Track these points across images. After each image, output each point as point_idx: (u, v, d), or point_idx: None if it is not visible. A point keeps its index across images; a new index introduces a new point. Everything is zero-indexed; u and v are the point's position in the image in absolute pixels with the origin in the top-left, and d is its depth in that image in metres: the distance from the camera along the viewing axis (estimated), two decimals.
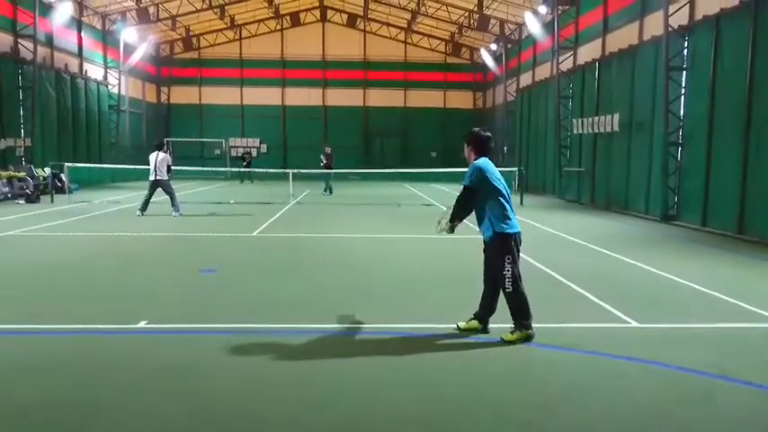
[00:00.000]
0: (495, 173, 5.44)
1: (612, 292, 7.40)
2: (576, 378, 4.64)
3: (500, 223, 5.36)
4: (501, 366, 4.89)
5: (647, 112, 16.80)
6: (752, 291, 7.64)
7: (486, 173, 5.39)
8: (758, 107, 12.40)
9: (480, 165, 5.43)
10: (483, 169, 5.39)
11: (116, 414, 3.95)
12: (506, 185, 5.53)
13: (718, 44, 13.78)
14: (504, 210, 5.37)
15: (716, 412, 4.08)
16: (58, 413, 3.95)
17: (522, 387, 4.48)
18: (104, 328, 5.76)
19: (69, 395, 4.23)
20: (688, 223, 14.66)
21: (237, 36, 39.79)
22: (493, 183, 5.38)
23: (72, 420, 3.86)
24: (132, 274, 8.35)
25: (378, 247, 10.92)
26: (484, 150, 5.58)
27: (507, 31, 31.79)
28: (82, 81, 27.86)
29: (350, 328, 5.85)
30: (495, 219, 5.37)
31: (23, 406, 4.04)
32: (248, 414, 3.96)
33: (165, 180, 15.00)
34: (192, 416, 3.94)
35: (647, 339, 5.62)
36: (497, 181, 5.42)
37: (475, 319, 5.66)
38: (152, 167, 15.05)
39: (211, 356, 5.03)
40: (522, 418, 3.96)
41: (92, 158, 27.25)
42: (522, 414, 4.03)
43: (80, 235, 11.91)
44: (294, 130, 39.97)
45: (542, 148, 26.40)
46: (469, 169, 5.47)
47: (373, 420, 3.91)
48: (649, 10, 17.39)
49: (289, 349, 5.26)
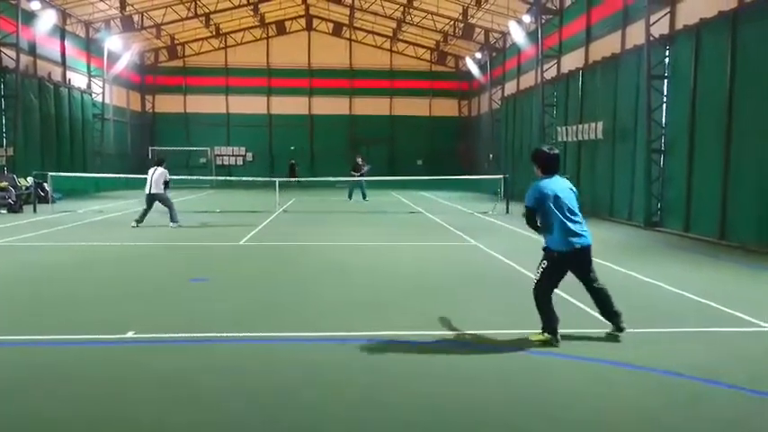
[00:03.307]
0: (556, 190, 5.55)
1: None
2: (562, 384, 4.69)
3: (547, 238, 5.66)
4: (487, 372, 4.93)
5: (630, 121, 17.03)
6: (734, 295, 7.75)
7: (541, 192, 5.56)
8: (738, 115, 12.63)
9: (538, 185, 5.63)
10: (537, 189, 5.60)
11: (102, 426, 3.92)
12: (570, 202, 5.63)
13: (699, 53, 14.02)
14: (555, 226, 5.53)
15: (701, 417, 4.15)
16: (41, 426, 3.92)
17: (509, 392, 4.52)
18: (91, 338, 5.72)
19: (52, 407, 4.20)
20: (671, 229, 14.85)
21: (223, 44, 39.72)
22: (547, 203, 5.52)
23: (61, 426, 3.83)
24: (118, 284, 8.29)
25: (364, 255, 10.93)
26: (548, 168, 5.71)
27: (492, 39, 32.09)
28: (65, 90, 27.64)
29: (337, 336, 5.86)
30: (546, 233, 5.65)
31: (4, 417, 4.00)
32: (238, 423, 3.96)
33: (161, 193, 14.71)
34: (183, 426, 3.93)
35: (631, 345, 5.68)
36: (555, 199, 5.52)
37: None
38: (148, 181, 14.79)
39: (202, 366, 5.02)
40: (508, 423, 4.00)
41: (76, 168, 26.99)
42: (508, 419, 4.06)
43: (64, 245, 11.80)
44: (280, 138, 39.92)
45: (527, 155, 26.51)
46: (530, 189, 5.67)
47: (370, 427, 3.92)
48: (631, 19, 17.67)
49: (279, 357, 5.26)
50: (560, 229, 5.52)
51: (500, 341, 5.70)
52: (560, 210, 5.52)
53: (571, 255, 5.58)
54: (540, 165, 5.74)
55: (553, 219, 5.53)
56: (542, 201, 5.55)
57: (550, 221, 5.55)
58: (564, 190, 5.63)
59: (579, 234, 5.55)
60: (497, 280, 8.72)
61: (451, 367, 5.06)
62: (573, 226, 5.53)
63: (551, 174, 5.69)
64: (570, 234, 5.52)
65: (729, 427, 4.00)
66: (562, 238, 5.53)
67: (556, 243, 5.57)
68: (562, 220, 5.51)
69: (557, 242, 5.57)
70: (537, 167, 5.78)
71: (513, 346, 5.56)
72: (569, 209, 5.58)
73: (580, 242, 5.57)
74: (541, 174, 5.72)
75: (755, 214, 11.95)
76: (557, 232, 5.54)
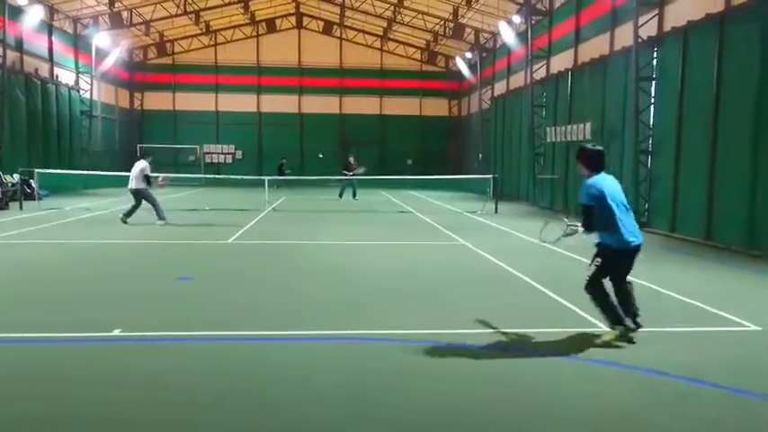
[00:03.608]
0: (607, 187, 5.57)
1: (584, 296, 7.51)
2: (548, 382, 4.72)
3: (602, 235, 5.65)
4: (473, 372, 4.95)
5: (618, 121, 17.14)
6: (719, 295, 7.83)
7: (595, 189, 5.55)
8: (724, 117, 12.75)
9: (590, 182, 5.63)
10: (590, 186, 5.59)
11: (87, 425, 3.90)
12: (622, 199, 5.65)
13: (687, 55, 14.14)
14: (611, 223, 5.52)
15: (686, 415, 4.19)
16: (23, 425, 3.89)
17: (494, 392, 4.54)
18: (76, 336, 5.68)
19: (37, 405, 4.17)
20: (658, 230, 14.97)
21: (212, 42, 39.50)
22: (602, 200, 5.51)
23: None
24: (106, 283, 8.23)
25: (352, 254, 10.93)
26: (595, 165, 5.71)
27: (482, 39, 32.17)
28: (53, 86, 27.38)
29: (325, 335, 5.86)
30: (601, 231, 5.63)
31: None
32: (226, 422, 3.95)
33: (142, 189, 14.50)
34: (169, 425, 3.91)
35: (617, 344, 5.72)
36: (609, 196, 5.53)
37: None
38: (130, 176, 14.65)
39: (189, 365, 5.00)
40: (494, 421, 4.02)
41: (63, 164, 26.76)
42: (494, 418, 4.08)
43: (50, 242, 11.70)
44: (270, 136, 39.78)
45: (517, 155, 26.72)
46: (582, 188, 5.65)
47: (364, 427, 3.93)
48: (620, 21, 17.78)
49: (264, 357, 5.25)
50: (616, 227, 5.50)
51: (486, 340, 5.72)
52: (615, 206, 5.53)
53: (625, 252, 5.60)
54: (586, 163, 5.75)
55: (609, 215, 5.50)
56: (597, 198, 5.53)
57: (606, 218, 5.52)
58: (614, 186, 5.66)
59: (633, 232, 5.59)
60: (485, 279, 8.75)
61: (437, 366, 5.07)
62: (627, 223, 5.57)
63: (598, 171, 5.69)
64: (626, 231, 5.53)
65: (713, 425, 4.04)
66: (618, 236, 5.52)
67: (612, 240, 5.56)
68: (618, 217, 5.51)
69: (613, 239, 5.56)
70: (583, 166, 5.78)
71: (499, 345, 5.59)
72: (623, 205, 5.62)
73: (636, 240, 5.60)
74: (588, 172, 5.71)
75: (741, 216, 12.07)
76: (613, 229, 5.52)
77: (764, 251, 11.28)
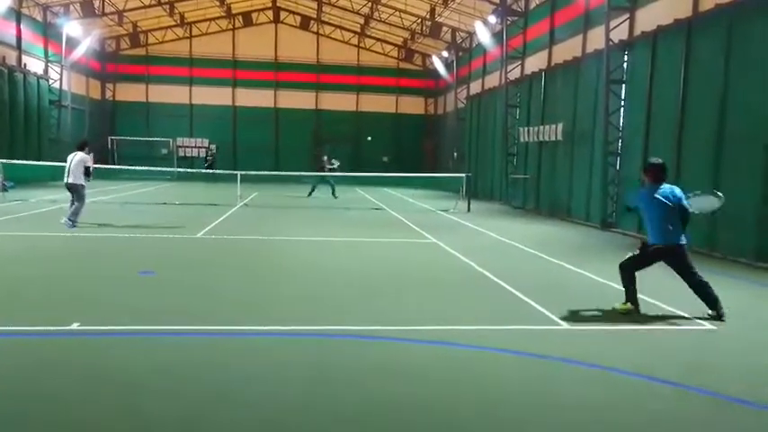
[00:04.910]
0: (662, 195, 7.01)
1: (548, 295, 7.63)
2: (507, 379, 4.77)
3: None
4: (432, 369, 4.99)
5: (588, 123, 17.39)
6: (676, 294, 7.99)
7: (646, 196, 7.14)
8: (689, 121, 13.02)
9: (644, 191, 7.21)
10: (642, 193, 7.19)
11: (42, 421, 3.83)
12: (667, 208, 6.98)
13: (655, 59, 14.40)
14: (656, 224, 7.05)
15: (642, 412, 4.27)
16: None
17: (452, 388, 4.58)
18: (32, 330, 5.57)
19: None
20: (626, 230, 15.23)
21: (187, 34, 38.98)
22: (645, 205, 7.21)
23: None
24: (66, 276, 8.09)
25: (321, 251, 10.90)
26: (658, 177, 7.13)
27: (458, 39, 32.32)
28: (20, 75, 26.74)
29: (290, 330, 5.84)
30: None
31: None
32: (184, 416, 3.92)
33: (79, 184, 12.80)
34: (123, 421, 3.87)
35: (576, 341, 5.82)
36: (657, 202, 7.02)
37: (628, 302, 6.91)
38: (66, 168, 12.90)
39: (146, 359, 4.94)
40: (447, 419, 4.06)
41: (30, 155, 26.13)
42: (449, 414, 4.12)
43: (11, 235, 11.44)
44: (245, 131, 39.41)
45: (491, 155, 26.91)
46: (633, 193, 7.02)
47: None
48: (592, 24, 18.02)
49: (225, 351, 5.22)
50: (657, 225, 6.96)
51: (447, 336, 5.76)
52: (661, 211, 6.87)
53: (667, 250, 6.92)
54: (651, 176, 7.09)
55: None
56: (642, 201, 7.11)
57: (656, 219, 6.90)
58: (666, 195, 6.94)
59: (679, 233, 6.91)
60: (453, 278, 8.80)
61: (397, 363, 5.09)
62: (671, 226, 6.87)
63: (660, 182, 7.03)
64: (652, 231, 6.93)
65: (666, 421, 4.13)
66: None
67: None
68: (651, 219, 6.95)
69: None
70: (647, 178, 7.12)
71: (459, 341, 5.64)
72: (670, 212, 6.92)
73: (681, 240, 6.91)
74: (651, 182, 7.03)
75: (702, 218, 12.32)
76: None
77: (723, 254, 11.59)
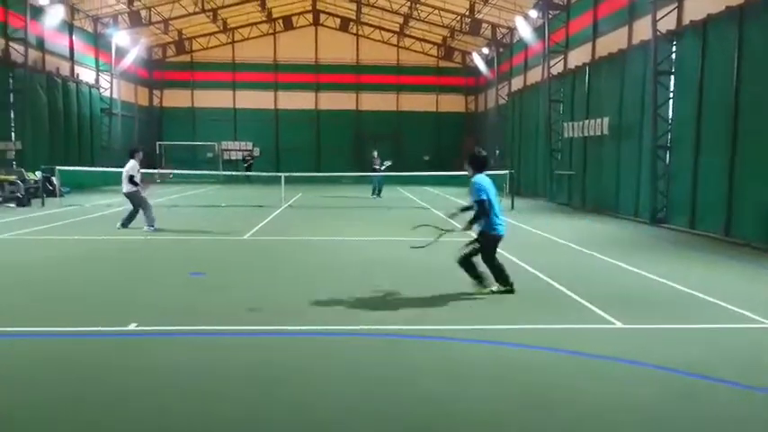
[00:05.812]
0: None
1: (598, 293, 7.49)
2: (559, 378, 4.71)
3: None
4: (483, 368, 4.96)
5: (636, 116, 16.95)
6: (735, 293, 7.73)
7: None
8: (744, 111, 12.56)
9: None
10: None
11: (110, 416, 3.99)
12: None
13: (705, 49, 13.94)
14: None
15: (698, 412, 4.16)
16: (47, 411, 3.99)
17: (503, 387, 4.55)
18: (93, 330, 5.79)
19: (58, 397, 4.27)
20: (677, 226, 14.80)
21: (230, 39, 39.77)
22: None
23: (66, 417, 3.90)
24: (122, 278, 8.36)
25: (365, 251, 10.96)
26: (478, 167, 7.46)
27: (499, 35, 31.97)
28: (73, 84, 27.80)
29: (337, 329, 5.90)
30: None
31: (13, 408, 4.08)
32: (243, 413, 4.01)
33: (128, 193, 12.85)
34: (192, 416, 3.99)
35: (630, 340, 5.70)
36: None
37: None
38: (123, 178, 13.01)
39: (201, 358, 5.08)
40: (501, 419, 4.03)
41: (83, 162, 27.15)
42: (502, 414, 4.10)
43: (71, 239, 11.90)
44: (287, 133, 39.97)
45: (533, 151, 26.54)
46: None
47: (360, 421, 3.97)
48: (638, 15, 17.56)
49: (278, 351, 5.31)
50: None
51: (488, 336, 5.72)
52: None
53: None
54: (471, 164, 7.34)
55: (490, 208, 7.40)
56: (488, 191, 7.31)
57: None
58: (491, 184, 7.35)
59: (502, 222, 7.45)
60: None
61: (448, 362, 5.09)
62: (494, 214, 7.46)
63: (481, 171, 7.36)
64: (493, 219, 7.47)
65: (725, 422, 4.01)
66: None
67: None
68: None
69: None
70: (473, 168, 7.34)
71: (508, 339, 5.59)
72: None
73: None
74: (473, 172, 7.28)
75: (761, 212, 11.89)
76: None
77: None
